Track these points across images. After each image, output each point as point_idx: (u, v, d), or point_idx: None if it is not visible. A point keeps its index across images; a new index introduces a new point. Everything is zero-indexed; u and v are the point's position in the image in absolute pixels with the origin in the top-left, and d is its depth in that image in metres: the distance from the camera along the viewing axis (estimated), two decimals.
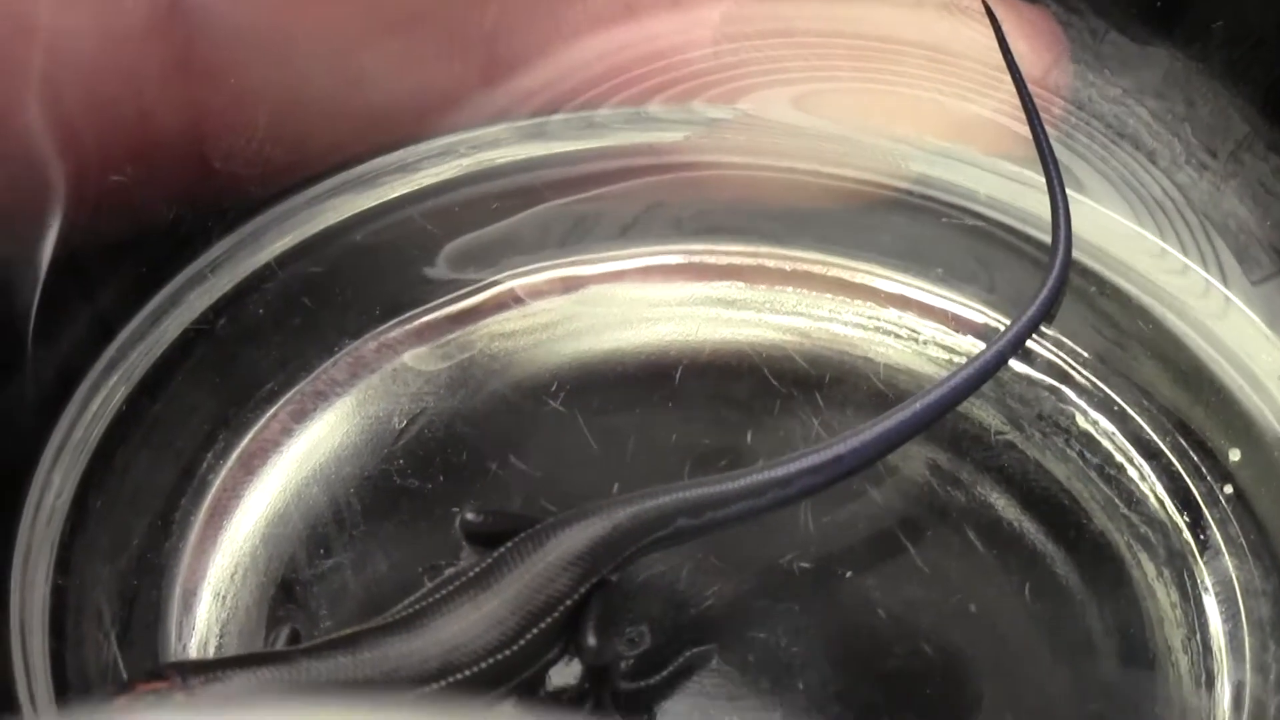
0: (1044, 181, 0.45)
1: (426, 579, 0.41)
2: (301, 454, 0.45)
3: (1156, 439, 0.45)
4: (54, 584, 0.42)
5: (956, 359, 0.46)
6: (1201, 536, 0.43)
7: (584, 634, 0.41)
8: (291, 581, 0.43)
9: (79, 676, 0.41)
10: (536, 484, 0.44)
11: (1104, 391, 0.46)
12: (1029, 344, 0.45)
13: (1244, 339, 0.46)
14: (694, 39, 0.48)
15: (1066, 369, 0.46)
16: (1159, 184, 0.47)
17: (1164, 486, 0.44)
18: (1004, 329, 0.44)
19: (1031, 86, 0.45)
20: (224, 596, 0.43)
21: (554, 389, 0.46)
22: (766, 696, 0.41)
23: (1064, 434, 0.45)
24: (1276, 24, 0.46)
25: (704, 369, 0.47)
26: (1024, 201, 0.48)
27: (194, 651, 0.42)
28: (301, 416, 0.46)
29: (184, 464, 0.45)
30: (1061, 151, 0.46)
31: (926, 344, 0.47)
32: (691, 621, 0.42)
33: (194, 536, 0.44)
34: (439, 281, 0.48)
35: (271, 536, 0.44)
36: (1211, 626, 0.42)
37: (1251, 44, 0.46)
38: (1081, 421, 0.45)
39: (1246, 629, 0.42)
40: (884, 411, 0.42)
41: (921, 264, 0.48)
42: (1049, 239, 0.45)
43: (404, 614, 0.40)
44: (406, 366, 0.47)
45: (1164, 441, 0.45)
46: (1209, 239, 0.46)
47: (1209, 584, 0.43)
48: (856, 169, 0.48)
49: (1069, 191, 0.45)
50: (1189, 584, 0.43)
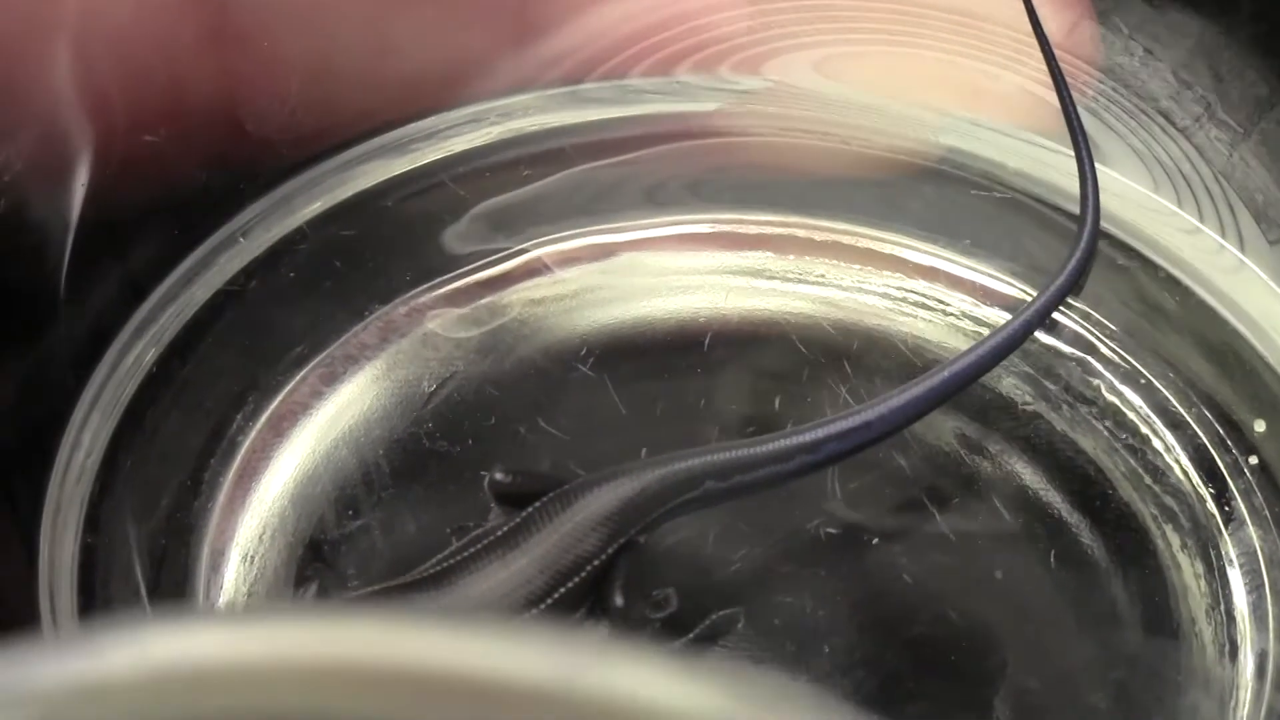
0: (1073, 155, 0.45)
1: (454, 539, 0.41)
2: (331, 416, 0.45)
3: (1182, 411, 0.45)
4: (83, 542, 0.42)
5: (984, 329, 0.46)
6: (1226, 508, 0.43)
7: (611, 595, 0.41)
8: (319, 541, 0.43)
9: None
10: (565, 448, 0.44)
11: (1130, 363, 0.46)
12: (1056, 315, 0.45)
13: (1272, 313, 0.46)
14: (724, 1, 0.48)
15: (1093, 340, 0.46)
16: (1189, 158, 0.47)
17: (1189, 458, 0.44)
18: (1031, 300, 0.45)
19: (1061, 57, 0.45)
20: (252, 557, 0.43)
21: (583, 354, 0.46)
22: (792, 661, 0.41)
23: (1090, 405, 0.45)
24: None
25: (732, 336, 0.47)
26: (1052, 174, 0.47)
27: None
28: (331, 379, 0.46)
29: (213, 425, 0.45)
30: (1090, 122, 0.46)
31: (954, 314, 0.47)
32: (718, 585, 0.42)
33: (223, 497, 0.44)
34: (470, 247, 0.48)
35: (300, 497, 0.44)
36: (1235, 597, 0.42)
37: None
38: (1107, 393, 0.45)
39: (1270, 599, 0.42)
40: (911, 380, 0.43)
41: (950, 235, 0.48)
42: (1077, 211, 0.45)
43: (431, 571, 0.40)
44: (436, 331, 0.47)
45: (1189, 413, 0.45)
46: (1238, 215, 0.46)
47: (1233, 555, 0.43)
48: (887, 139, 0.48)
49: (1097, 164, 0.45)
50: (1213, 555, 0.43)
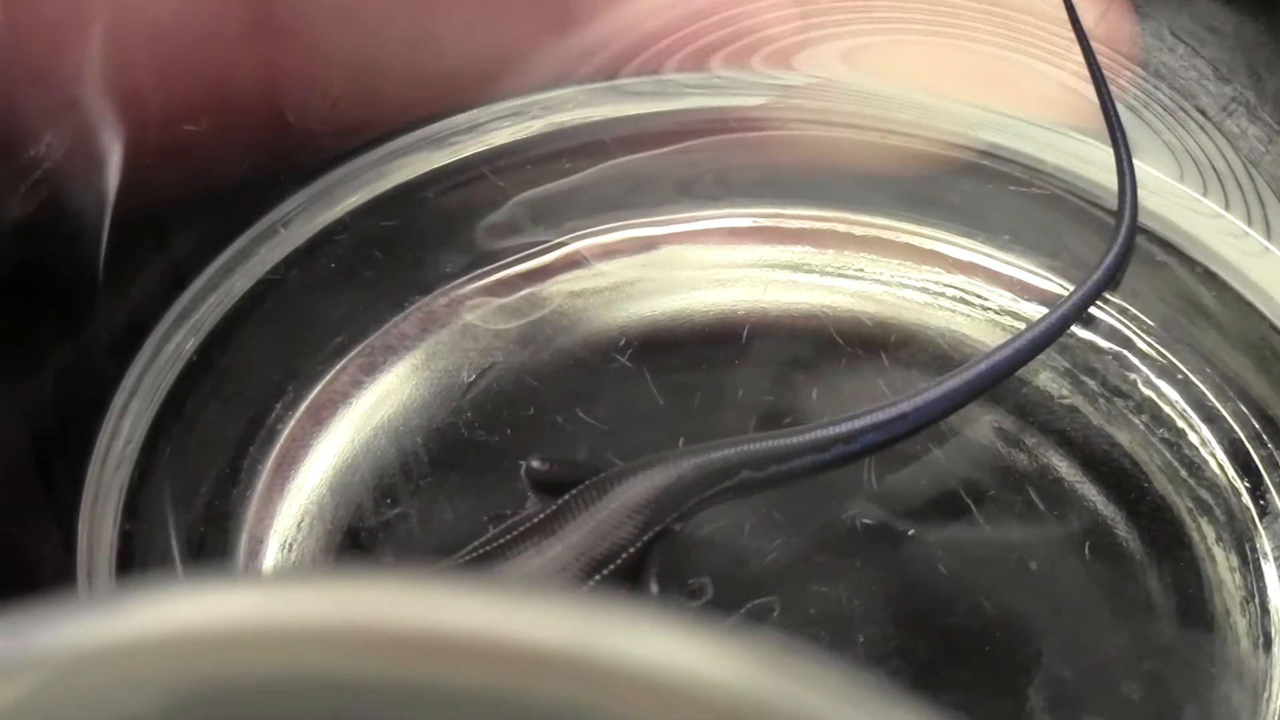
0: (1111, 151, 0.46)
1: (491, 527, 0.42)
2: (370, 406, 0.46)
3: (1218, 405, 0.45)
4: (121, 529, 0.43)
5: (1021, 324, 0.46)
6: (1261, 501, 0.43)
7: (646, 583, 0.41)
8: (358, 529, 0.44)
9: None
10: (603, 438, 0.45)
11: (1167, 358, 0.46)
12: (1093, 310, 0.46)
13: None
14: None
15: (1130, 335, 0.46)
16: (1223, 154, 0.47)
17: (1225, 452, 0.44)
18: (1068, 294, 0.45)
19: (1099, 51, 0.45)
20: (290, 544, 0.43)
21: (622, 345, 0.46)
22: (826, 650, 0.42)
23: (1127, 399, 0.45)
24: None
25: (771, 329, 0.47)
26: (1091, 170, 0.48)
27: None
28: (371, 369, 0.46)
29: (253, 414, 0.45)
30: (1128, 118, 0.46)
31: (993, 309, 0.47)
32: (753, 574, 0.43)
33: (261, 485, 0.44)
34: (510, 239, 0.48)
35: (339, 486, 0.44)
36: (1270, 590, 0.42)
37: None
38: (1144, 387, 0.45)
39: None
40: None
41: (989, 230, 0.48)
42: (1115, 206, 0.46)
43: (468, 558, 0.40)
44: (476, 322, 0.47)
45: (1225, 407, 0.45)
46: (1270, 211, 0.46)
47: (1268, 548, 0.43)
48: (926, 134, 0.49)
49: (1135, 160, 0.46)
50: (1248, 548, 0.43)
